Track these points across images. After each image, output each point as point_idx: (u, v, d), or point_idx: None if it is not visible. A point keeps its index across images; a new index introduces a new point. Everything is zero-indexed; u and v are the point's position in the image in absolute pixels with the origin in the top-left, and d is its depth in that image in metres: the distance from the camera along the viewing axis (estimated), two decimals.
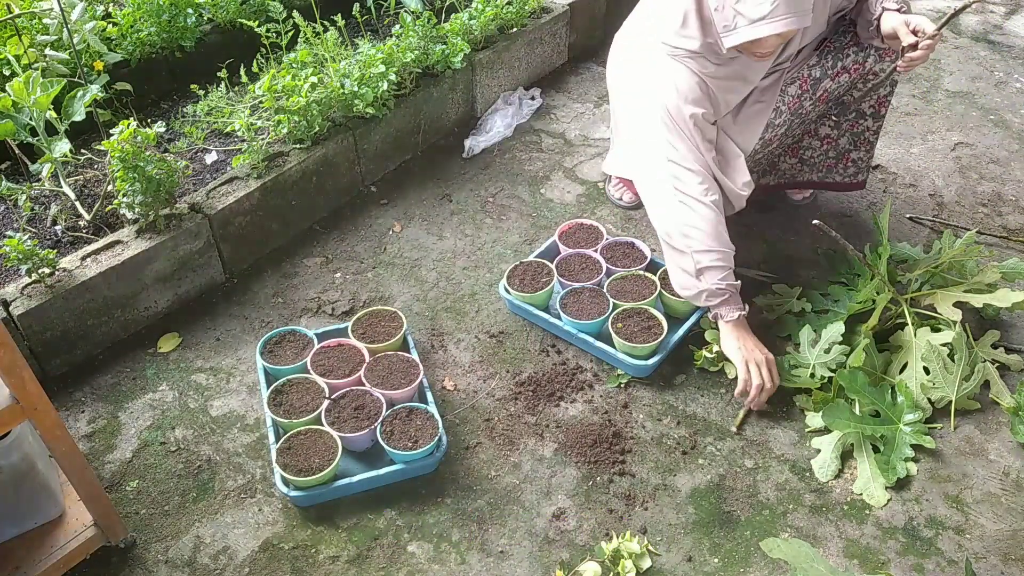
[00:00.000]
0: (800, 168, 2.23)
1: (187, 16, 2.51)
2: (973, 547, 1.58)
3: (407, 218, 2.39)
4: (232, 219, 2.10)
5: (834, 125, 2.13)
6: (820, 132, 2.15)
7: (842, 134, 2.14)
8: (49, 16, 2.25)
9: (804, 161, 2.22)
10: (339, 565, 1.56)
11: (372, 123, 2.38)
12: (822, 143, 2.17)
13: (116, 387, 1.90)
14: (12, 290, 1.81)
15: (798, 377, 1.86)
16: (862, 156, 2.18)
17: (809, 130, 2.14)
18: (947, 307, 1.87)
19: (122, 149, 1.85)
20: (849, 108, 2.08)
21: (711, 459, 1.74)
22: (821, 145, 2.17)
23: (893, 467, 1.68)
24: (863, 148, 2.16)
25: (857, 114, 2.09)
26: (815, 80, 1.95)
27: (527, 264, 2.08)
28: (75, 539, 1.48)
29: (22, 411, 1.24)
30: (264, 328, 2.04)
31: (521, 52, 2.83)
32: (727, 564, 1.56)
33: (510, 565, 1.56)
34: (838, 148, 2.17)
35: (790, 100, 1.96)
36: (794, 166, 2.23)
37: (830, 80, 1.95)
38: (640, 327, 1.90)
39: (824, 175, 2.23)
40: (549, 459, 1.74)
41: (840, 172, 2.22)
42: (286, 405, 1.74)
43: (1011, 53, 3.24)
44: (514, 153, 2.66)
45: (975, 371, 1.81)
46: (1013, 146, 2.70)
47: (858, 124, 2.11)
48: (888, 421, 1.73)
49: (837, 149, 2.17)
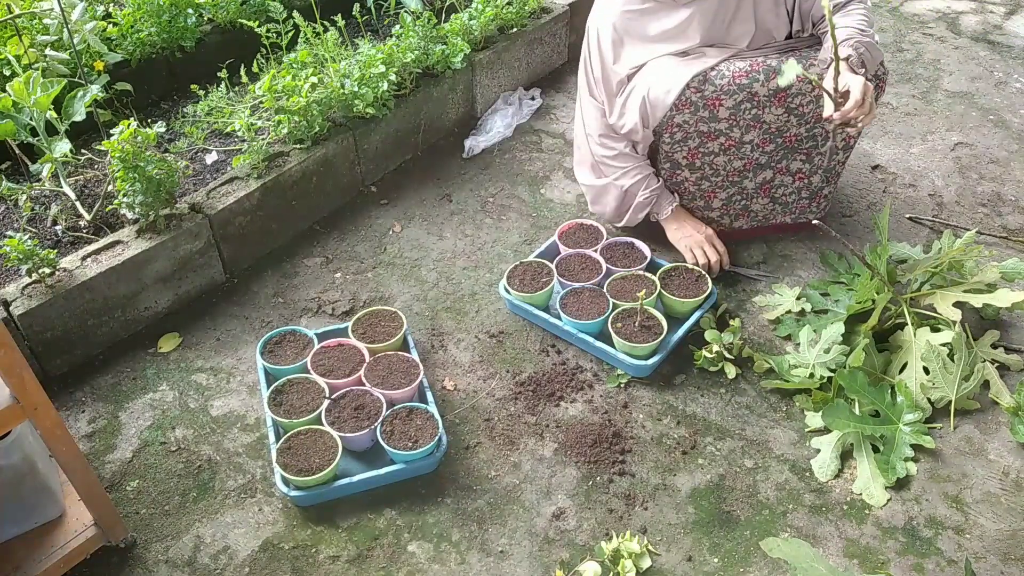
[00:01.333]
0: (773, 209, 2.19)
1: (187, 16, 2.51)
2: (973, 547, 1.58)
3: (407, 218, 2.39)
4: (232, 219, 2.11)
5: (806, 159, 2.08)
6: (791, 167, 2.10)
7: (814, 171, 2.11)
8: (49, 16, 2.25)
9: (776, 200, 2.17)
10: (339, 565, 1.56)
11: (372, 123, 2.38)
12: (794, 179, 2.12)
13: (116, 387, 1.90)
14: (12, 290, 1.82)
15: (798, 377, 1.86)
16: (831, 190, 2.19)
17: (780, 167, 2.09)
18: (947, 307, 1.87)
19: (122, 149, 1.86)
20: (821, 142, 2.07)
21: (711, 459, 1.75)
22: (793, 182, 2.13)
23: (893, 467, 1.68)
24: (832, 182, 2.17)
25: (831, 149, 2.06)
26: (770, 68, 1.90)
27: (527, 264, 2.08)
28: (75, 539, 1.48)
29: (22, 411, 1.24)
30: (264, 328, 2.04)
31: (521, 52, 2.83)
32: (727, 564, 1.56)
33: (510, 565, 1.56)
34: (811, 187, 2.15)
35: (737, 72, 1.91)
36: (766, 206, 2.18)
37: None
38: (640, 327, 1.90)
39: (797, 216, 2.22)
40: (549, 459, 1.74)
41: (813, 210, 2.22)
42: (286, 405, 1.74)
43: (1011, 53, 3.24)
44: (514, 153, 2.66)
45: (975, 371, 1.81)
46: (1013, 146, 2.70)
47: (831, 160, 2.10)
48: (888, 421, 1.73)
49: (810, 188, 2.15)
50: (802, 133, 2.02)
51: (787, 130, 2.00)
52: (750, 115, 1.95)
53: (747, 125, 1.97)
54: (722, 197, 2.13)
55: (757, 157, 2.05)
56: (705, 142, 2.00)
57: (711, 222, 2.19)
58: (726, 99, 1.91)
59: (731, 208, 2.16)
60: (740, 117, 1.95)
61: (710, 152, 2.02)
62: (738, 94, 1.91)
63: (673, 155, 2.05)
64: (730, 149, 2.01)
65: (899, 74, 3.10)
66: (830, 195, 2.20)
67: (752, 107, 1.93)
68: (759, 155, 2.05)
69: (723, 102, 1.92)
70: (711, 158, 2.03)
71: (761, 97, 1.92)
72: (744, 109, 1.93)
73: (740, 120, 1.96)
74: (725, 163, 2.05)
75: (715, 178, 2.08)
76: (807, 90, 1.92)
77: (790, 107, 1.95)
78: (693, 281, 2.03)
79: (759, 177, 2.10)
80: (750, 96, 1.91)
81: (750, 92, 1.91)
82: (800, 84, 1.91)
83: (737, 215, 2.19)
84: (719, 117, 1.94)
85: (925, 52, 3.25)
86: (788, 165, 2.09)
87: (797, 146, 2.05)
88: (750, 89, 1.90)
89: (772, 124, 1.98)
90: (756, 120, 1.96)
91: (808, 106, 1.96)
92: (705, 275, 2.04)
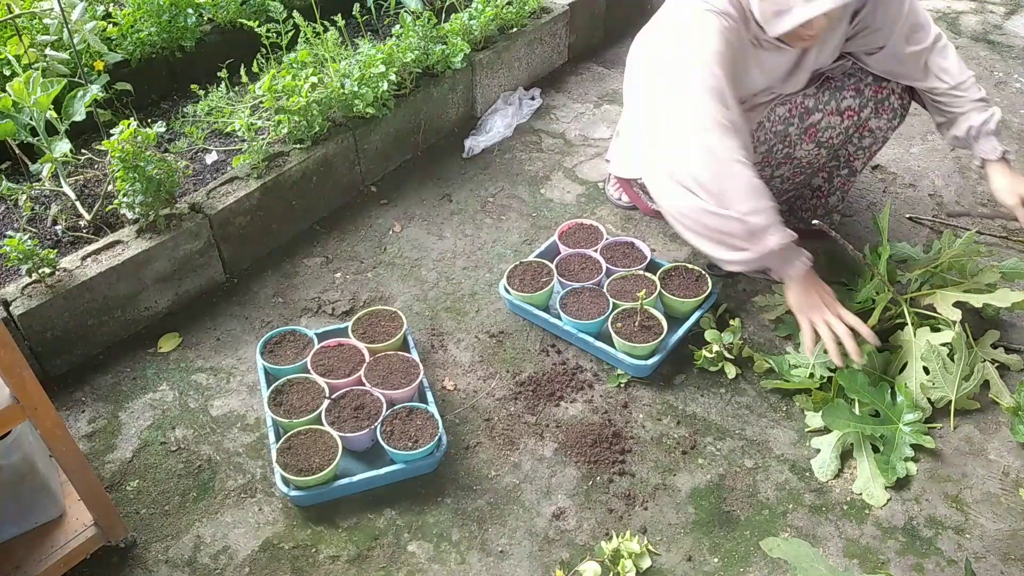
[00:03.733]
0: (788, 218, 2.15)
1: (187, 16, 2.51)
2: (973, 547, 1.58)
3: (407, 218, 2.39)
4: (232, 219, 2.11)
5: (826, 178, 2.11)
6: (813, 183, 2.14)
7: (833, 191, 2.13)
8: (49, 16, 2.25)
9: (793, 211, 2.21)
10: (339, 565, 1.56)
11: (372, 123, 2.38)
12: (813, 194, 2.16)
13: (116, 387, 1.90)
14: (12, 290, 1.82)
15: (798, 377, 1.86)
16: (839, 203, 2.20)
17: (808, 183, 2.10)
18: (947, 307, 1.87)
19: (122, 149, 1.86)
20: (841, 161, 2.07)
21: (711, 459, 1.75)
22: (812, 196, 2.16)
23: (893, 467, 1.68)
24: (842, 198, 2.18)
25: (849, 171, 2.08)
26: (806, 109, 1.92)
27: (527, 264, 2.08)
28: (75, 539, 1.48)
29: (22, 411, 1.24)
30: (264, 328, 2.04)
31: (521, 52, 2.83)
32: (727, 564, 1.56)
33: (510, 565, 1.56)
34: (827, 206, 2.17)
35: (775, 119, 1.93)
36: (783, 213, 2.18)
37: (821, 114, 1.92)
38: (640, 327, 1.90)
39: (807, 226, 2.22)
40: (549, 459, 1.74)
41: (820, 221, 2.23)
42: (286, 405, 1.74)
43: (1011, 53, 3.24)
44: (514, 153, 2.66)
45: (975, 371, 1.81)
46: (1013, 146, 2.70)
47: (848, 181, 2.12)
48: (888, 421, 1.73)
49: (826, 207, 2.17)
50: (831, 164, 2.06)
51: (817, 163, 2.04)
52: (782, 154, 1.99)
53: (778, 163, 2.01)
54: None
55: (787, 189, 2.10)
56: None
57: None
58: (760, 146, 1.94)
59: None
60: (772, 158, 1.99)
61: None
62: (773, 140, 1.94)
63: None
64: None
65: None
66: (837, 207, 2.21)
67: (784, 147, 1.97)
68: (788, 187, 2.09)
69: (757, 148, 1.94)
70: None
71: (793, 138, 1.94)
72: (776, 151, 1.97)
73: (772, 160, 2.00)
74: None
75: None
76: (836, 123, 1.93)
77: (820, 141, 1.97)
78: (693, 281, 2.03)
79: (783, 199, 2.14)
80: (783, 138, 1.94)
81: (784, 135, 1.93)
82: (829, 118, 1.91)
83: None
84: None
85: None
86: (810, 181, 2.14)
87: (822, 166, 2.09)
88: (784, 133, 1.93)
89: (804, 159, 2.01)
90: (788, 158, 2.00)
91: (838, 138, 1.98)
92: (705, 275, 2.03)
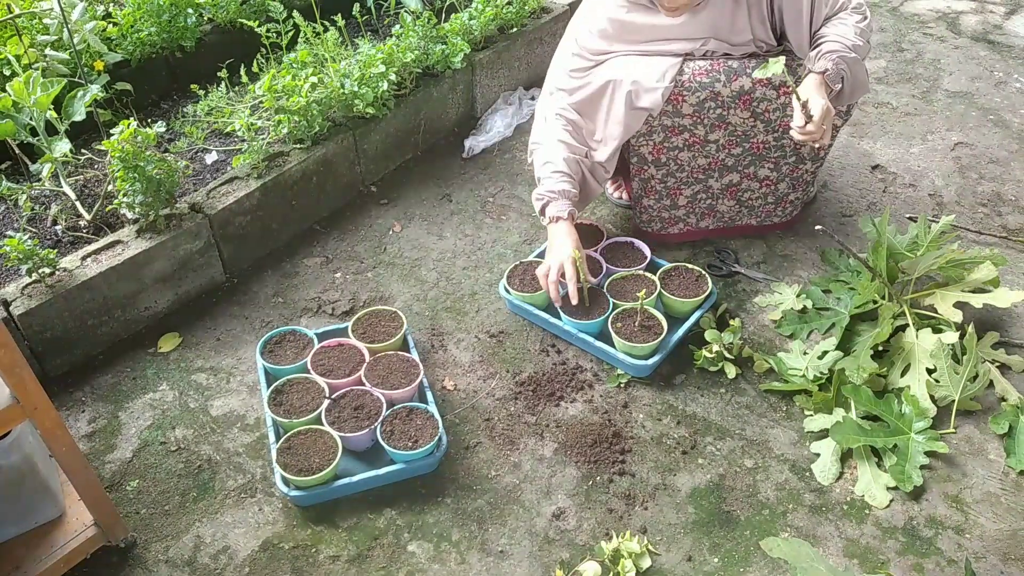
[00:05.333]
0: (739, 211, 2.21)
1: (187, 16, 2.51)
2: (973, 547, 1.58)
3: (407, 218, 2.39)
4: (232, 219, 2.11)
5: (773, 167, 2.10)
6: (759, 174, 2.12)
7: (781, 178, 2.13)
8: (49, 16, 2.25)
9: (743, 204, 2.20)
10: (339, 565, 1.56)
11: (372, 123, 2.38)
12: (761, 185, 2.15)
13: (116, 387, 1.90)
14: (12, 290, 1.82)
15: (795, 379, 1.86)
16: (799, 195, 2.20)
17: (748, 173, 2.10)
18: (947, 307, 1.87)
19: (122, 149, 1.86)
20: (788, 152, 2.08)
21: (711, 459, 1.75)
22: (760, 187, 2.15)
23: (909, 476, 1.66)
24: (800, 188, 2.18)
25: (797, 158, 2.09)
26: (729, 68, 1.91)
27: (527, 264, 2.08)
28: (75, 539, 1.48)
29: (22, 411, 1.24)
30: (264, 328, 2.04)
31: (521, 52, 2.83)
32: (727, 564, 1.56)
33: (510, 565, 1.56)
34: (777, 193, 2.17)
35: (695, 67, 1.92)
36: (732, 208, 2.20)
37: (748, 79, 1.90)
38: (640, 327, 1.90)
39: (763, 219, 2.25)
40: (549, 459, 1.74)
41: (779, 215, 2.24)
42: (286, 405, 1.74)
43: (1011, 53, 3.24)
44: (514, 153, 2.66)
45: (980, 372, 1.81)
46: (1013, 146, 2.70)
47: (797, 168, 2.12)
48: (899, 431, 1.72)
49: (776, 194, 2.17)
50: (770, 141, 2.04)
51: (754, 135, 2.02)
52: (715, 114, 1.97)
53: (712, 124, 1.99)
54: (687, 194, 2.15)
55: (723, 159, 2.07)
56: (669, 136, 2.01)
57: (677, 221, 2.21)
58: (689, 95, 1.93)
59: (696, 206, 2.18)
60: (704, 115, 1.97)
61: (674, 147, 2.04)
62: (700, 92, 1.92)
63: (639, 149, 2.06)
64: (694, 146, 2.03)
65: (899, 74, 3.10)
66: (797, 200, 2.22)
67: (716, 107, 1.95)
68: (725, 156, 2.07)
69: (686, 98, 1.93)
70: (675, 153, 2.05)
71: (725, 98, 1.94)
72: (708, 108, 1.96)
73: (704, 118, 1.98)
74: (689, 159, 2.06)
75: (680, 174, 2.10)
76: (772, 96, 1.93)
77: (756, 112, 1.97)
78: (693, 281, 2.03)
79: (725, 179, 2.12)
80: (713, 95, 1.93)
81: (712, 91, 1.92)
82: (764, 90, 1.92)
83: (703, 214, 2.21)
84: (683, 113, 1.96)
85: (925, 52, 3.25)
86: (756, 172, 2.12)
87: (765, 154, 2.07)
88: (712, 88, 1.92)
89: (738, 127, 2.00)
90: (721, 120, 1.98)
91: (774, 112, 1.97)
92: (705, 275, 2.03)
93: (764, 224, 2.26)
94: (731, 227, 2.26)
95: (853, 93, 1.92)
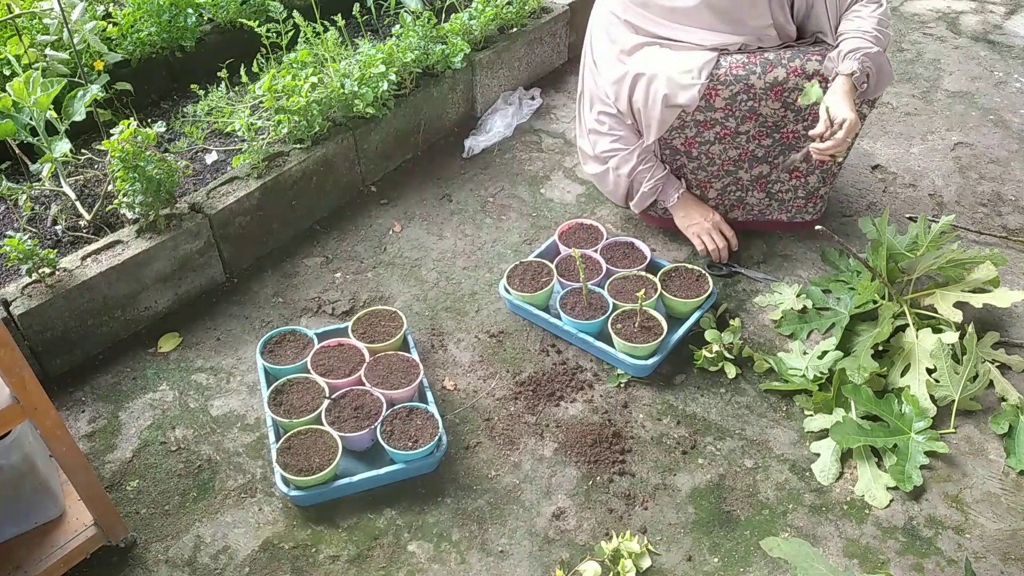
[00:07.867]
0: (769, 204, 2.20)
1: (187, 16, 2.51)
2: (973, 547, 1.58)
3: (407, 218, 2.39)
4: (232, 219, 2.11)
5: (804, 158, 2.09)
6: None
7: (811, 171, 2.13)
8: (49, 16, 2.25)
9: (772, 196, 2.19)
10: (339, 565, 1.56)
11: (372, 123, 2.38)
12: (791, 177, 2.15)
13: (116, 387, 1.90)
14: (12, 290, 1.82)
15: (796, 379, 1.86)
16: (827, 190, 2.20)
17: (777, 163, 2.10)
18: (947, 307, 1.87)
19: (122, 149, 1.86)
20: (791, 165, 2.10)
21: (711, 459, 1.75)
22: (790, 179, 2.15)
23: (909, 476, 1.66)
24: (829, 183, 2.18)
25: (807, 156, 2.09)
26: (766, 60, 1.93)
27: (527, 264, 2.08)
28: (75, 539, 1.48)
29: (22, 411, 1.24)
30: (264, 328, 2.04)
31: (521, 52, 2.83)
32: (727, 564, 1.56)
33: (510, 565, 1.56)
34: (808, 187, 2.16)
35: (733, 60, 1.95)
36: (762, 201, 2.19)
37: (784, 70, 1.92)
38: (640, 327, 1.90)
39: (793, 215, 2.24)
40: (549, 459, 1.74)
41: (809, 211, 2.23)
42: (286, 405, 1.74)
43: (1011, 53, 3.24)
44: (514, 153, 2.66)
45: (981, 372, 1.81)
46: (1013, 146, 2.70)
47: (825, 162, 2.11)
48: (899, 432, 1.72)
49: (807, 188, 2.17)
50: (799, 130, 2.03)
51: (784, 126, 2.02)
52: (746, 106, 1.97)
53: (743, 116, 1.99)
54: (717, 187, 2.15)
55: (753, 149, 2.07)
56: (702, 131, 2.02)
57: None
58: (722, 89, 1.94)
59: (726, 198, 2.18)
60: (736, 108, 1.97)
61: (706, 141, 2.05)
62: (734, 85, 1.93)
63: (672, 142, 2.07)
64: (726, 138, 2.03)
65: (899, 74, 3.10)
66: (826, 195, 2.21)
67: (748, 99, 1.96)
68: (755, 147, 2.07)
69: (719, 92, 1.94)
70: (707, 147, 2.06)
71: (758, 89, 1.94)
72: (740, 100, 1.96)
73: (736, 111, 1.98)
74: (720, 152, 2.07)
75: (711, 167, 2.11)
76: (805, 85, 1.93)
77: (786, 102, 1.97)
78: (693, 281, 2.03)
79: (755, 170, 2.12)
80: (746, 88, 1.94)
81: (746, 84, 1.93)
82: (797, 79, 1.93)
83: (732, 206, 2.21)
84: (715, 107, 1.97)
85: (925, 52, 3.25)
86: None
87: (795, 143, 2.06)
88: (746, 81, 1.93)
89: (769, 118, 2.00)
90: (752, 112, 1.98)
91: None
92: (705, 275, 2.04)
93: (795, 220, 2.24)
94: (761, 220, 2.25)
95: (879, 86, 1.93)
